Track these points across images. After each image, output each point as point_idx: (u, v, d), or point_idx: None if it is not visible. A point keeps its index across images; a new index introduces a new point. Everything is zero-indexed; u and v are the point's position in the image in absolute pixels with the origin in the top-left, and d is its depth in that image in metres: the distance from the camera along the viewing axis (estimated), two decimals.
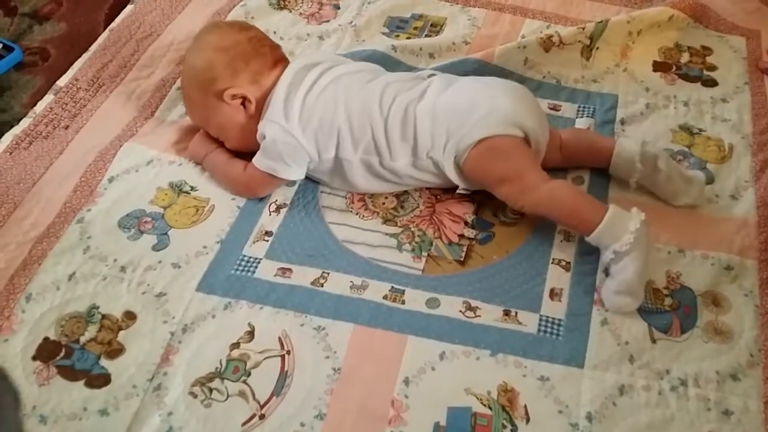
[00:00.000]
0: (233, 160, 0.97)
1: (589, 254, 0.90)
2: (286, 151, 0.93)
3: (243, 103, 0.95)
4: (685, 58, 1.20)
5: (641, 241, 0.84)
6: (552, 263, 0.90)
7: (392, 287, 0.88)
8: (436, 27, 1.24)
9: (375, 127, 0.91)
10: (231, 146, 0.99)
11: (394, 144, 0.92)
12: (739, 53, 1.21)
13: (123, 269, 0.89)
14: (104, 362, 0.80)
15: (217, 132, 0.98)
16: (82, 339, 0.82)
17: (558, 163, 0.98)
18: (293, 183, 0.98)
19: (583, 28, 1.18)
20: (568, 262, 0.90)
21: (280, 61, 0.98)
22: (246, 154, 0.97)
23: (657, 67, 1.18)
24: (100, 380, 0.79)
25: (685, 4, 1.24)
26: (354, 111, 0.92)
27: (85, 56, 1.16)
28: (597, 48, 1.18)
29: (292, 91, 0.93)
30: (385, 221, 0.95)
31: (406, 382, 0.80)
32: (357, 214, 0.96)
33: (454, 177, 0.93)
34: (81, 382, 0.79)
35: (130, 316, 0.84)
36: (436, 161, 0.92)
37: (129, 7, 1.26)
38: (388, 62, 1.13)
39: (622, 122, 1.08)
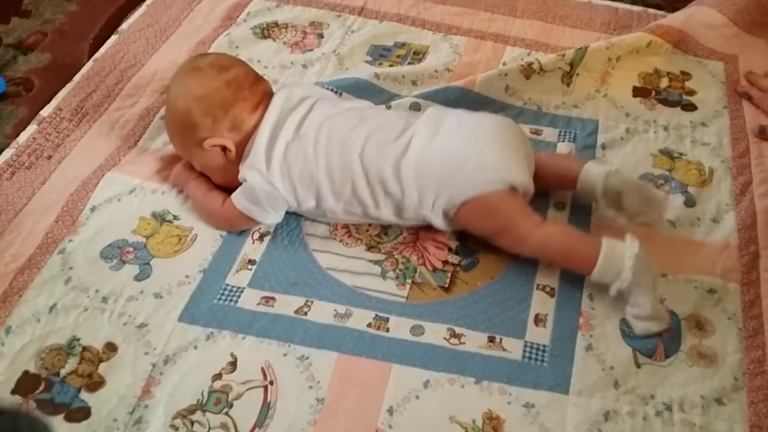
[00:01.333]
0: (213, 192, 0.97)
1: (574, 280, 0.90)
2: (265, 198, 0.92)
3: (223, 150, 0.94)
4: (664, 83, 1.21)
5: (642, 270, 0.83)
6: (536, 289, 0.90)
7: (376, 315, 0.87)
8: (418, 55, 1.25)
9: (356, 183, 0.91)
10: (215, 183, 0.98)
11: (379, 199, 0.91)
12: (717, 78, 1.23)
13: (105, 300, 0.88)
14: (84, 395, 0.79)
15: (200, 169, 0.98)
16: (63, 372, 0.81)
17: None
18: None
19: (563, 55, 1.19)
20: (553, 288, 0.90)
21: (262, 100, 0.95)
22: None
23: (637, 92, 1.19)
24: (81, 414, 0.78)
25: (664, 30, 1.26)
26: (335, 165, 0.91)
27: (69, 86, 1.16)
28: (577, 74, 1.19)
29: (274, 137, 0.92)
30: (369, 248, 0.95)
31: (390, 411, 0.79)
32: (341, 241, 0.96)
33: (442, 227, 0.93)
34: (60, 416, 0.78)
35: (111, 348, 0.83)
36: (422, 216, 0.92)
37: (113, 38, 1.26)
38: (371, 90, 1.14)
39: (603, 147, 1.09)
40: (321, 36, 1.29)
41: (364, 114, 0.96)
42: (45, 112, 1.11)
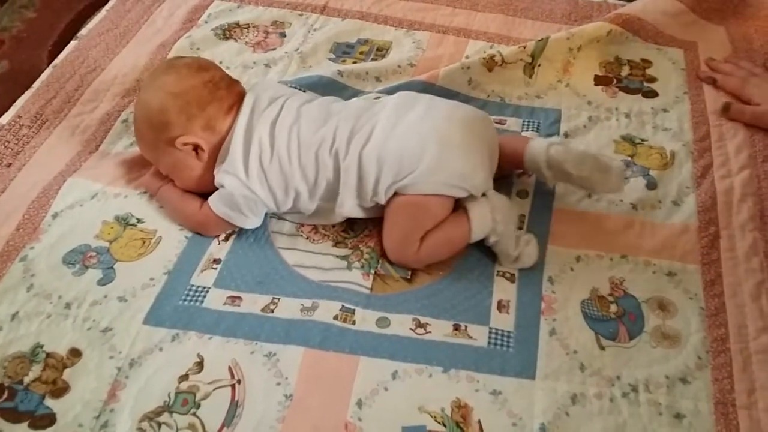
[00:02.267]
0: (187, 196, 0.96)
1: (534, 265, 0.91)
2: (245, 204, 0.92)
3: (195, 150, 0.93)
4: (625, 71, 1.22)
5: (507, 220, 0.90)
6: (497, 275, 0.91)
7: (342, 306, 0.87)
8: (381, 51, 1.26)
9: (330, 178, 0.91)
10: (181, 186, 0.97)
11: (343, 189, 0.91)
12: (677, 64, 1.24)
13: (68, 306, 0.87)
14: (49, 402, 0.78)
15: (166, 172, 0.97)
16: (26, 379, 0.80)
17: None
18: None
19: (524, 47, 1.20)
20: (513, 274, 0.91)
21: (236, 102, 0.94)
22: None
23: (598, 80, 1.20)
24: (45, 421, 0.77)
25: (623, 19, 1.27)
26: (309, 167, 0.91)
27: (28, 93, 1.15)
28: (539, 65, 1.20)
29: (248, 141, 0.91)
30: (336, 243, 0.95)
31: (359, 404, 0.79)
32: (307, 238, 0.96)
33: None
34: (24, 424, 0.76)
35: (75, 353, 0.83)
36: (376, 202, 0.92)
37: (72, 43, 1.25)
38: (335, 87, 1.14)
39: (566, 135, 1.10)
40: (283, 35, 1.28)
41: (330, 109, 0.95)
42: (4, 119, 1.10)
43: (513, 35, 1.30)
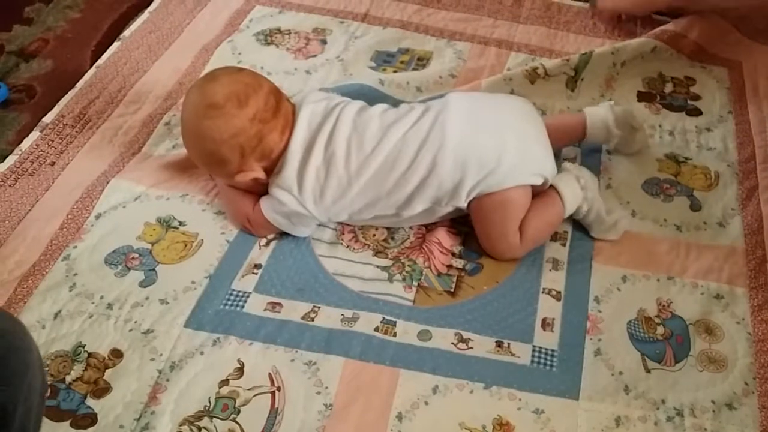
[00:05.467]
0: (244, 194, 0.96)
1: (579, 283, 0.90)
2: (296, 217, 0.92)
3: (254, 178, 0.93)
4: (668, 88, 1.21)
5: (594, 189, 0.95)
6: (543, 293, 0.90)
7: (384, 318, 0.87)
8: (422, 60, 1.25)
9: (392, 192, 0.91)
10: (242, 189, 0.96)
11: (413, 198, 0.91)
12: (722, 83, 1.23)
13: (110, 306, 0.87)
14: (90, 402, 0.79)
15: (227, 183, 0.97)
16: (68, 378, 0.80)
17: None
18: None
19: (568, 60, 1.19)
20: (559, 292, 0.90)
21: (287, 121, 0.91)
22: None
23: (641, 97, 1.19)
24: (86, 421, 0.77)
25: (668, 36, 1.26)
26: (372, 180, 0.90)
27: (71, 93, 1.16)
28: (582, 79, 1.19)
29: (305, 159, 0.90)
30: (376, 253, 0.95)
31: (399, 417, 0.78)
32: (347, 246, 0.95)
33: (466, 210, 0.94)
34: (67, 423, 0.77)
35: (116, 354, 0.83)
36: (455, 206, 0.92)
37: (116, 44, 1.26)
38: (375, 96, 1.13)
39: (608, 152, 1.09)
40: (324, 42, 1.28)
41: (386, 117, 0.93)
42: (48, 118, 1.11)
43: (555, 48, 1.29)
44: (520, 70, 1.18)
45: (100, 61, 1.23)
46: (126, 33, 1.29)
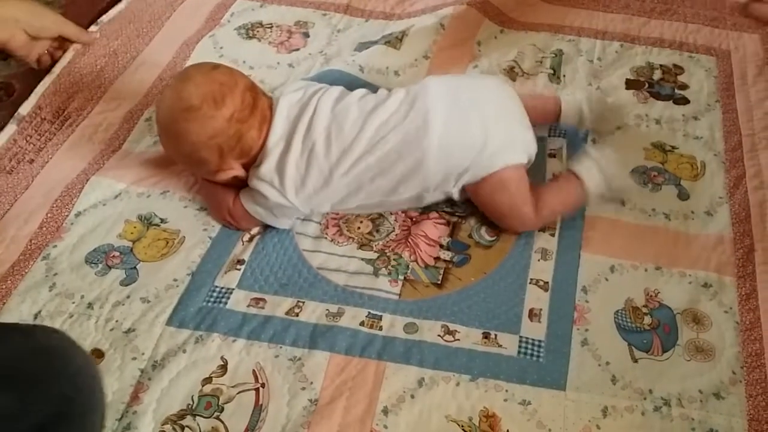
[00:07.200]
0: (224, 188, 0.94)
1: (567, 273, 0.89)
2: (277, 209, 0.91)
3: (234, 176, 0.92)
4: (657, 76, 1.20)
5: (611, 159, 0.95)
6: (530, 283, 0.89)
7: (369, 313, 0.86)
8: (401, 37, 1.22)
9: (375, 179, 0.90)
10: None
11: (399, 186, 0.90)
12: (710, 72, 1.22)
13: (90, 306, 0.86)
14: None
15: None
16: None
17: None
18: None
19: (540, 62, 1.20)
20: (546, 282, 0.89)
21: (266, 115, 0.91)
22: None
23: (629, 84, 1.18)
24: None
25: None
26: (353, 170, 0.89)
27: (47, 79, 1.12)
28: (564, 75, 1.19)
29: (285, 151, 0.89)
30: (361, 246, 0.93)
31: (385, 411, 0.77)
32: (331, 240, 0.94)
33: (456, 197, 0.94)
34: None
35: (97, 354, 0.81)
36: (444, 193, 0.92)
37: (93, 27, 1.23)
38: (356, 85, 1.11)
39: (594, 141, 1.08)
40: (307, 35, 1.27)
41: (365, 104, 0.92)
42: (24, 110, 1.08)
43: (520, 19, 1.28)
44: (497, 69, 1.18)
45: (77, 45, 1.19)
46: (104, 18, 1.26)
